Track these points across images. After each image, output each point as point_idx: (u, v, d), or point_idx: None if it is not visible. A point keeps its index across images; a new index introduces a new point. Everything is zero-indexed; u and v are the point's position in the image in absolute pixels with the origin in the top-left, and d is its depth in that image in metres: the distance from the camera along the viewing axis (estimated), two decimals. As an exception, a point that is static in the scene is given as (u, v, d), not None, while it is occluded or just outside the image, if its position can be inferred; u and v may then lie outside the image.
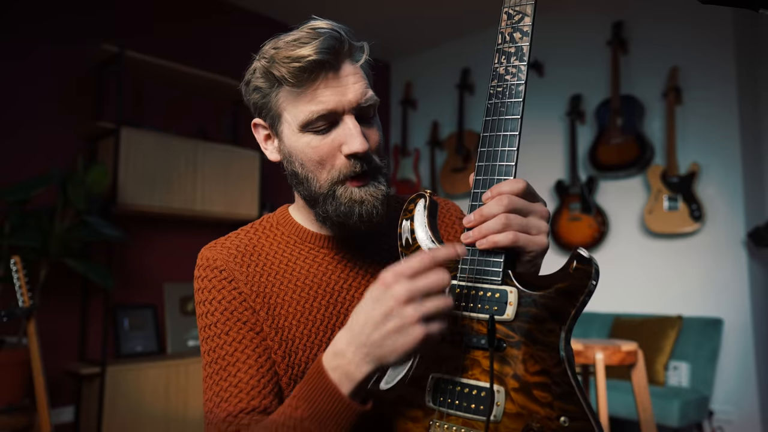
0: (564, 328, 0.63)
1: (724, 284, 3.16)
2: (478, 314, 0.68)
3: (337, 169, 0.78)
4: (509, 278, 0.68)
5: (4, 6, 3.00)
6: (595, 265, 0.63)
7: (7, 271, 2.55)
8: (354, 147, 0.76)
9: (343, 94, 0.76)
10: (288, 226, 0.90)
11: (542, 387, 0.63)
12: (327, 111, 0.76)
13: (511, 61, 0.71)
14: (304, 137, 0.78)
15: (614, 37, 3.60)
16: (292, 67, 0.74)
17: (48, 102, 3.13)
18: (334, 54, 0.76)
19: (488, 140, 0.71)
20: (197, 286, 0.85)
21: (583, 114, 3.76)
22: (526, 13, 0.71)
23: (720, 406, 3.10)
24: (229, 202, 3.51)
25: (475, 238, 0.70)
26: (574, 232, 3.63)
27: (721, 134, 3.24)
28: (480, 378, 0.67)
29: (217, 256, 0.85)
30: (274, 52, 0.77)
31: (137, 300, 3.36)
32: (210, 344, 0.81)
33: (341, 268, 0.87)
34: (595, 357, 1.98)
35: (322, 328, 0.84)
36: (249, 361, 0.79)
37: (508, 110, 0.70)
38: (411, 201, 0.78)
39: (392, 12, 4.12)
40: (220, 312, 0.81)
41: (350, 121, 0.77)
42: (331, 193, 0.79)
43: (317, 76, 0.76)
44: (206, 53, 3.76)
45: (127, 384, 2.94)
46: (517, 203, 0.68)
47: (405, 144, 4.76)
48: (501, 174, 0.70)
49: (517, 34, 0.71)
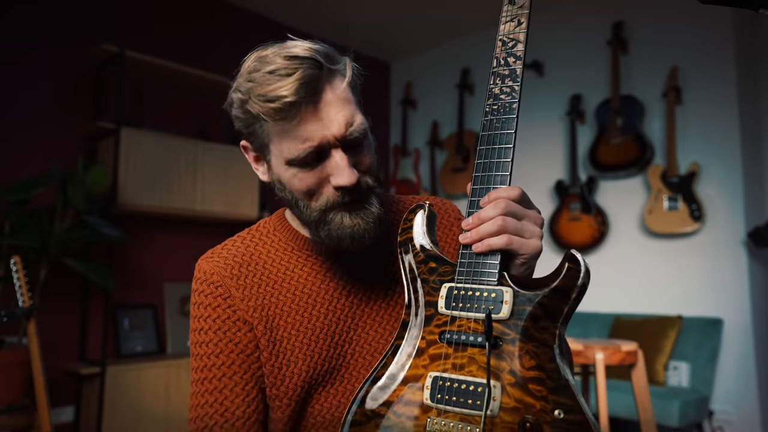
0: (558, 326, 0.67)
1: (724, 284, 3.16)
2: (475, 314, 0.71)
3: (325, 197, 0.78)
4: (504, 279, 0.71)
5: (4, 7, 3.00)
6: (585, 265, 0.67)
7: (7, 271, 2.55)
8: (341, 181, 0.75)
9: (327, 128, 0.74)
10: (285, 232, 0.89)
11: (537, 381, 0.66)
12: (312, 148, 0.74)
13: (506, 82, 0.77)
14: (291, 170, 0.77)
15: (614, 37, 3.61)
16: (268, 107, 0.72)
17: (48, 102, 3.13)
18: (312, 88, 0.73)
19: (485, 153, 0.76)
20: (193, 299, 0.85)
21: (583, 114, 3.76)
22: (519, 40, 0.78)
23: (720, 406, 3.10)
24: (229, 202, 3.51)
25: (472, 239, 0.72)
26: (574, 232, 3.63)
27: (721, 134, 3.25)
28: (477, 374, 0.69)
29: (213, 269, 0.85)
30: (250, 86, 0.74)
31: (137, 300, 3.36)
32: (199, 362, 0.82)
33: (338, 275, 0.87)
34: (595, 357, 1.98)
35: (321, 336, 0.84)
36: (236, 389, 0.80)
37: (502, 126, 0.76)
38: (411, 211, 0.81)
39: (392, 12, 4.12)
40: (213, 331, 0.82)
41: (337, 155, 0.75)
42: (322, 218, 0.79)
43: (296, 114, 0.73)
44: (206, 53, 3.76)
45: (127, 384, 2.94)
46: (513, 207, 0.71)
47: (405, 144, 4.76)
48: (497, 183, 0.74)
49: (510, 58, 0.78)
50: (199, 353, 0.82)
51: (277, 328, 0.83)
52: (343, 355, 0.85)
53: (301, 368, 0.82)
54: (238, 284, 0.84)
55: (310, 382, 0.83)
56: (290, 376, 0.82)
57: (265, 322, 0.83)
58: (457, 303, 0.72)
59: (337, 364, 0.84)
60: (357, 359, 0.85)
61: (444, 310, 0.73)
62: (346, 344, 0.85)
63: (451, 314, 0.72)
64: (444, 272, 0.75)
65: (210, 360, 0.81)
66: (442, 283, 0.74)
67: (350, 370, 0.85)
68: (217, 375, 0.80)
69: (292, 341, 0.82)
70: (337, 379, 0.84)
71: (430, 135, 4.62)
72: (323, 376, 0.84)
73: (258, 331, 0.82)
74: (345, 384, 0.85)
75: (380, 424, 0.72)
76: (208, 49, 3.79)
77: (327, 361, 0.84)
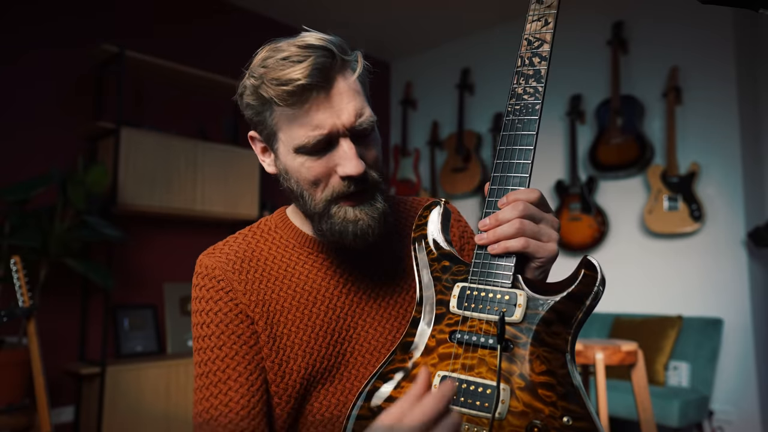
0: (570, 331, 0.66)
1: (724, 284, 3.16)
2: (488, 315, 0.70)
3: (331, 188, 0.77)
4: (518, 282, 0.70)
5: (4, 7, 3.00)
6: (601, 272, 0.67)
7: (7, 271, 2.55)
8: (349, 170, 0.75)
9: (337, 116, 0.74)
10: (286, 229, 0.89)
11: (547, 387, 0.65)
12: (322, 136, 0.74)
13: (529, 83, 0.76)
14: (299, 158, 0.77)
15: (614, 37, 3.60)
16: (281, 90, 0.73)
17: (48, 102, 3.13)
18: (324, 74, 0.73)
19: (504, 153, 0.75)
20: (195, 294, 0.85)
21: (583, 114, 3.76)
22: (545, 40, 0.76)
23: (720, 406, 3.10)
24: (229, 202, 3.51)
25: (489, 240, 0.71)
26: (574, 232, 3.63)
27: (721, 134, 3.25)
28: (486, 376, 0.68)
29: (215, 264, 0.84)
30: (263, 71, 0.74)
31: (137, 300, 3.36)
32: (203, 356, 0.81)
33: (340, 273, 0.87)
34: (595, 357, 1.98)
35: (321, 334, 0.83)
36: (240, 380, 0.79)
37: (524, 126, 0.75)
38: (426, 208, 0.81)
39: (392, 12, 4.12)
40: (215, 324, 0.81)
41: (345, 144, 0.75)
42: (326, 211, 0.78)
43: (308, 98, 0.74)
44: (206, 53, 3.76)
45: (127, 384, 2.94)
46: (531, 210, 0.71)
47: (405, 144, 4.76)
48: (515, 184, 0.73)
49: (536, 58, 0.76)
50: (201, 347, 0.82)
51: (278, 324, 0.82)
52: (342, 354, 0.84)
53: (300, 365, 0.82)
54: (240, 279, 0.83)
55: (309, 379, 0.83)
56: (290, 373, 0.82)
57: (267, 317, 0.82)
58: (470, 303, 0.72)
59: (336, 362, 0.84)
60: (356, 357, 0.85)
61: (456, 309, 0.72)
62: (345, 342, 0.85)
63: (462, 314, 0.72)
64: (457, 271, 0.75)
65: (213, 353, 0.80)
66: (455, 282, 0.74)
67: (349, 368, 0.85)
68: (220, 367, 0.80)
69: (292, 338, 0.82)
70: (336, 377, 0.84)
71: (430, 135, 4.62)
72: (322, 374, 0.83)
73: (259, 326, 0.82)
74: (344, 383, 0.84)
75: None
76: (208, 49, 3.79)
77: (326, 358, 0.83)
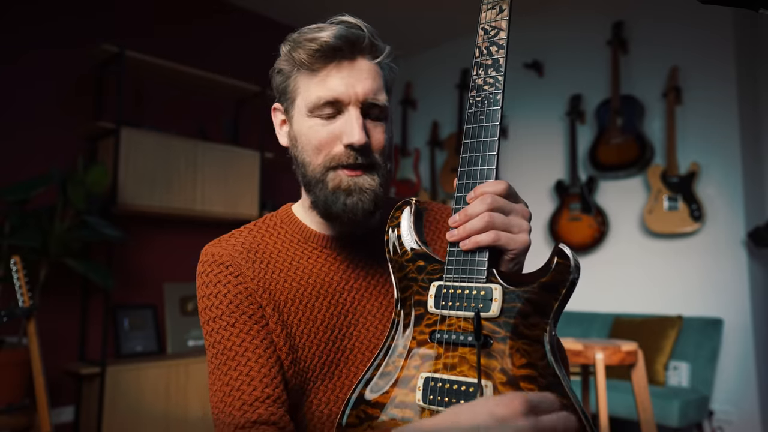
0: (548, 322, 0.66)
1: (724, 284, 3.16)
2: (465, 312, 0.70)
3: (332, 155, 0.80)
4: (493, 276, 0.70)
5: (4, 7, 3.00)
6: (574, 259, 0.66)
7: (7, 271, 2.55)
8: (352, 138, 0.77)
9: (351, 85, 0.78)
10: (291, 225, 0.90)
11: (529, 379, 0.65)
12: (333, 98, 0.78)
13: (489, 72, 0.74)
14: (310, 121, 0.80)
15: (614, 37, 3.60)
16: (308, 47, 0.78)
17: (48, 102, 3.13)
18: (350, 43, 0.78)
19: (469, 146, 0.74)
20: (201, 281, 0.84)
21: (583, 114, 3.76)
22: (501, 27, 0.75)
23: (720, 406, 3.10)
24: (229, 202, 3.51)
25: (460, 236, 0.71)
26: (574, 232, 3.63)
27: (721, 134, 3.24)
28: (468, 374, 0.68)
29: (222, 252, 0.84)
30: (297, 35, 0.81)
31: (137, 300, 3.36)
32: (215, 336, 0.80)
33: (343, 268, 0.87)
34: (595, 357, 1.98)
35: (322, 328, 0.83)
36: (258, 351, 0.78)
37: (487, 118, 0.74)
38: (397, 208, 0.80)
39: (392, 12, 4.12)
40: (225, 305, 0.81)
41: (354, 112, 0.78)
42: (323, 177, 0.80)
43: (330, 60, 0.78)
44: (206, 53, 3.76)
45: (127, 384, 2.94)
46: (499, 202, 0.70)
47: (405, 144, 4.76)
48: (483, 177, 0.72)
49: (493, 47, 0.75)
50: (213, 328, 0.80)
51: (285, 313, 0.82)
52: (342, 350, 0.84)
53: (300, 357, 0.82)
54: (248, 266, 0.83)
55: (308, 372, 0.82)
56: (297, 362, 0.81)
57: (274, 305, 0.82)
58: (447, 302, 0.71)
59: (336, 358, 0.84)
60: (356, 354, 0.85)
61: (433, 309, 0.72)
62: (345, 339, 0.85)
63: (440, 313, 0.71)
64: (433, 270, 0.74)
65: (227, 330, 0.79)
66: (431, 281, 0.73)
67: (348, 365, 0.84)
68: (236, 342, 0.78)
69: (295, 329, 0.82)
70: (335, 373, 0.84)
71: (430, 135, 4.62)
72: (321, 369, 0.83)
73: (267, 311, 0.81)
74: (343, 379, 0.84)
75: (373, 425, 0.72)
76: (208, 49, 3.79)
77: (326, 354, 0.83)
